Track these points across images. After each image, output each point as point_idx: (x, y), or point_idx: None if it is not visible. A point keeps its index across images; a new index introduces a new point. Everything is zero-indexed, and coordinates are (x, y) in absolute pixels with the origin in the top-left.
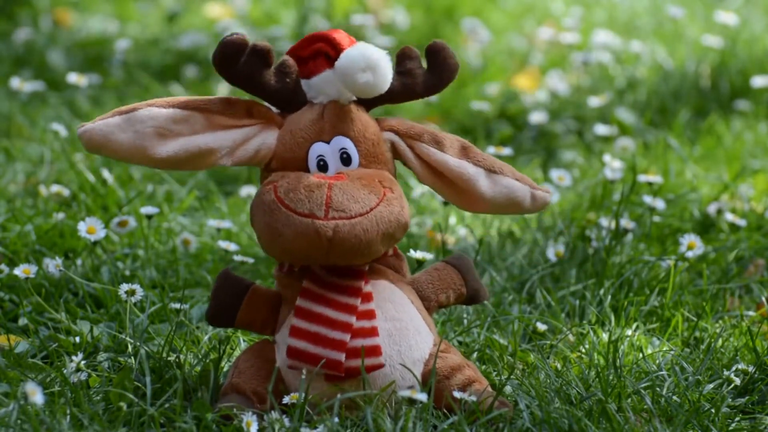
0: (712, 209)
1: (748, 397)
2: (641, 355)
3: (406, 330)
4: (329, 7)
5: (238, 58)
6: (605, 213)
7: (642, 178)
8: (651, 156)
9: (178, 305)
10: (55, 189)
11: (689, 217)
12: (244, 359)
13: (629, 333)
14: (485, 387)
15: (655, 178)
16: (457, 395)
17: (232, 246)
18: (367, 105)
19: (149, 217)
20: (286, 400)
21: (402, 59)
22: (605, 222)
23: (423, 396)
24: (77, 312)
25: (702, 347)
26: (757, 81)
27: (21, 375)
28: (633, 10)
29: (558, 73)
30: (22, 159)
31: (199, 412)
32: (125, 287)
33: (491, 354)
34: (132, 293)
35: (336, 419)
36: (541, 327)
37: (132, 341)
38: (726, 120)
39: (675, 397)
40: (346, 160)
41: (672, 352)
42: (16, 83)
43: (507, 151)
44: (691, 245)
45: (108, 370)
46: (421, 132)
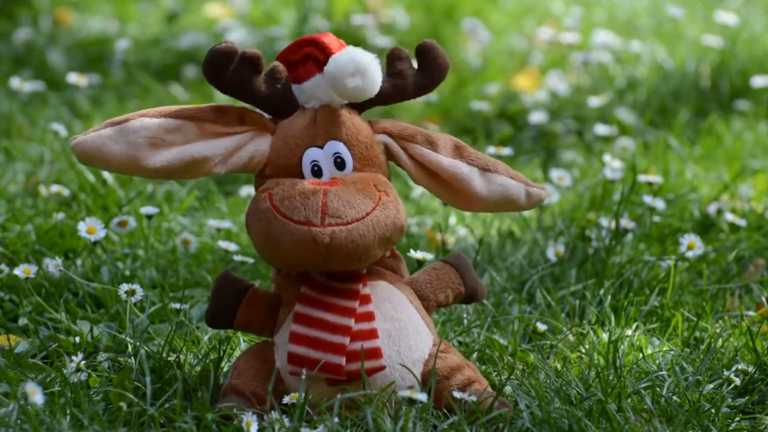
0: (712, 209)
1: (748, 397)
2: (641, 355)
3: (405, 330)
4: (329, 7)
5: (227, 66)
6: (605, 213)
7: (642, 178)
8: (651, 156)
9: (178, 305)
10: (55, 189)
11: (689, 217)
12: (243, 360)
13: (629, 333)
14: (485, 387)
15: (655, 178)
16: (457, 395)
17: (232, 246)
18: (359, 108)
19: (149, 217)
20: (286, 400)
21: (392, 60)
22: (605, 222)
23: (423, 396)
24: (77, 312)
25: (702, 347)
26: (757, 81)
27: (21, 375)
28: (633, 10)
29: (558, 73)
30: (22, 159)
31: (199, 412)
32: (125, 287)
33: (491, 354)
34: (132, 293)
35: (336, 419)
36: (541, 327)
37: (132, 341)
38: (726, 120)
39: (675, 397)
40: (340, 164)
41: (672, 352)
42: (16, 83)
43: (507, 151)
44: (691, 245)
45: (108, 370)
46: (414, 133)
